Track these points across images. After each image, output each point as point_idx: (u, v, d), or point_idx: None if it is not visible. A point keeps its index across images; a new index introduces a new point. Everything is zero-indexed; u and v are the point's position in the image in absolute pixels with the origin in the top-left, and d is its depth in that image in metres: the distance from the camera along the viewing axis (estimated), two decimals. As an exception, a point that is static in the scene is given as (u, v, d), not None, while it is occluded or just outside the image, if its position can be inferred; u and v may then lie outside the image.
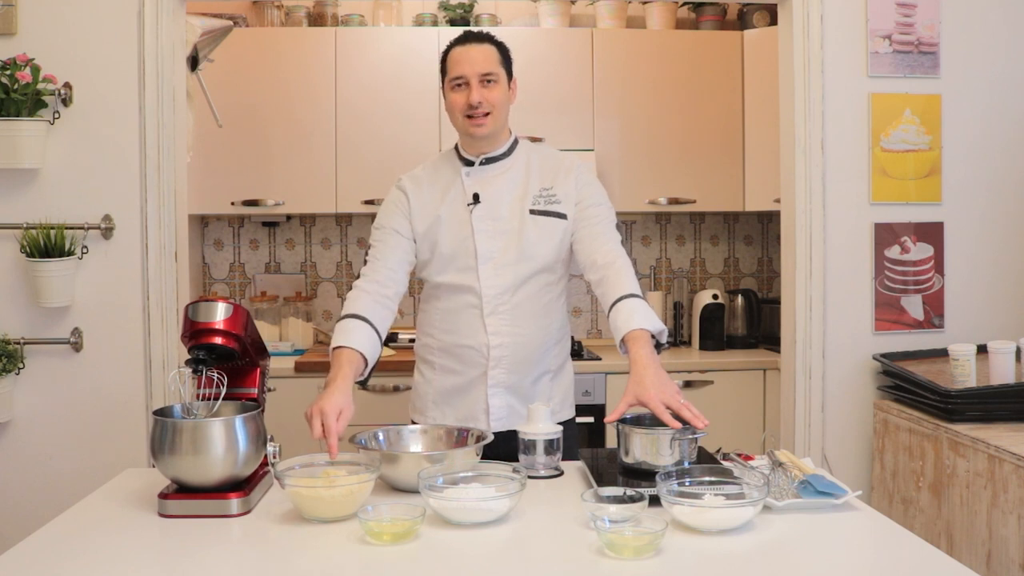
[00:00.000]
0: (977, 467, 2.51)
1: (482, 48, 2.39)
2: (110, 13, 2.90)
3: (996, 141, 3.18)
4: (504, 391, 2.42)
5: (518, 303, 2.40)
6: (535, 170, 2.46)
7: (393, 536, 1.67)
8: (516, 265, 2.39)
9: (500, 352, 2.40)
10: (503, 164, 2.45)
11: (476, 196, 2.41)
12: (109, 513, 1.88)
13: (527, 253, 2.40)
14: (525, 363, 2.42)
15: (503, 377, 2.41)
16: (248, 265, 4.36)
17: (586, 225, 2.40)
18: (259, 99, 3.97)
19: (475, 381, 2.43)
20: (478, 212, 2.41)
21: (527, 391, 2.44)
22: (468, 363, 2.43)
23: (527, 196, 2.42)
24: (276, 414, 2.48)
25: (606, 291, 2.23)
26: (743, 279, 4.55)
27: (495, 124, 2.40)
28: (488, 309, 2.39)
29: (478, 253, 2.39)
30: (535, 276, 2.42)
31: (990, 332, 3.08)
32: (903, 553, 1.67)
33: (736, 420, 3.84)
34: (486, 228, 2.40)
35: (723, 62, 4.13)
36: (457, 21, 4.17)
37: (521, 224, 2.40)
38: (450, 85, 2.40)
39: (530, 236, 2.40)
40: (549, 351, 2.48)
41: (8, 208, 2.89)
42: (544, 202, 2.42)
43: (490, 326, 2.39)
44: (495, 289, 2.39)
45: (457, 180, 2.45)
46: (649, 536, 1.59)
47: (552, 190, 2.43)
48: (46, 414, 2.93)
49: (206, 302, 1.98)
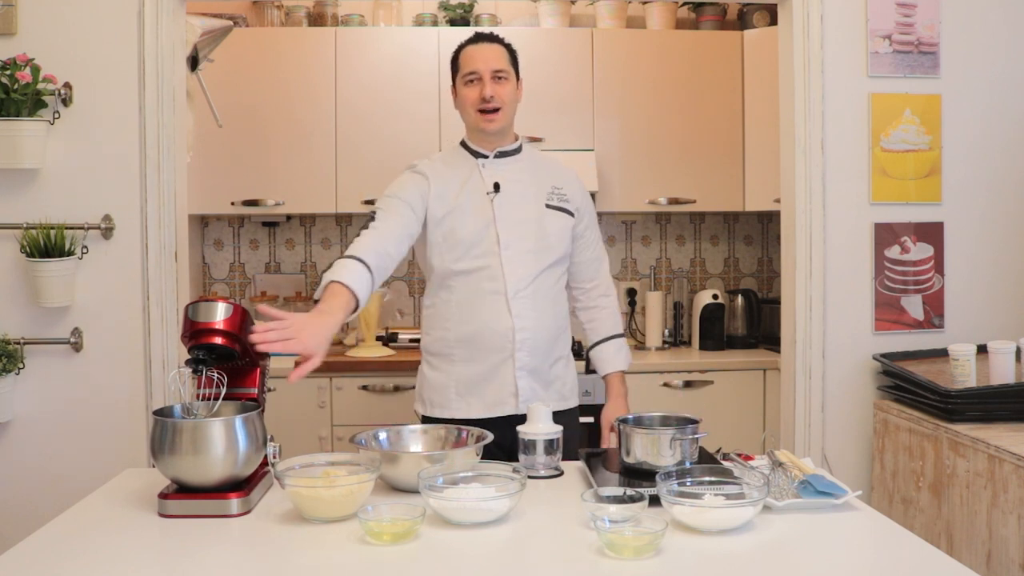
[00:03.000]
0: (977, 467, 2.51)
1: (493, 47, 2.52)
2: (110, 13, 2.90)
3: (996, 141, 3.17)
4: (528, 374, 2.51)
5: (536, 289, 2.51)
6: (543, 170, 2.61)
7: (393, 536, 1.67)
8: (535, 254, 2.51)
9: (524, 335, 2.48)
10: (516, 159, 2.58)
11: (496, 185, 2.51)
12: (109, 513, 1.88)
13: (545, 243, 2.52)
14: (544, 347, 2.53)
15: (527, 360, 2.50)
16: (248, 265, 4.36)
17: (586, 247, 2.66)
18: (259, 99, 3.97)
19: (500, 366, 2.49)
20: (499, 200, 2.50)
21: (546, 375, 2.55)
22: (492, 349, 2.49)
23: (542, 191, 2.56)
24: (276, 414, 2.48)
25: (596, 327, 2.71)
26: (743, 279, 4.55)
27: (505, 120, 2.52)
28: (512, 293, 2.47)
29: (500, 239, 2.48)
30: (550, 266, 2.54)
31: (990, 332, 3.08)
32: (903, 553, 1.67)
33: (736, 420, 3.84)
34: (507, 216, 2.50)
35: (723, 62, 4.13)
36: (457, 21, 4.17)
37: (539, 215, 2.53)
38: (463, 81, 2.51)
39: (548, 227, 2.53)
40: (560, 337, 2.60)
41: (8, 208, 2.89)
42: (557, 199, 2.58)
43: (515, 310, 2.47)
44: (517, 275, 2.48)
45: (474, 171, 2.55)
46: (649, 536, 1.59)
47: (563, 190, 2.59)
48: (46, 414, 2.93)
49: (206, 302, 1.97)
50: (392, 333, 4.06)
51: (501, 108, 2.48)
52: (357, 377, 3.78)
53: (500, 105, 2.48)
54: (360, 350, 3.93)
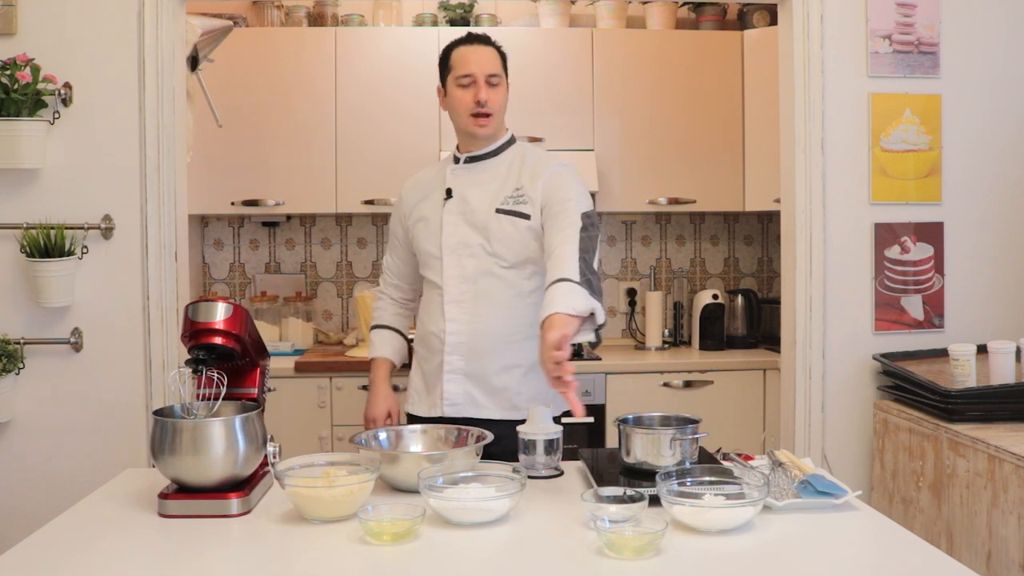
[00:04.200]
0: (977, 467, 2.51)
1: (488, 50, 2.49)
2: (110, 13, 2.90)
3: (996, 141, 3.17)
4: (462, 378, 2.46)
5: (478, 293, 2.45)
6: (517, 171, 2.48)
7: (393, 536, 1.67)
8: (478, 258, 2.46)
9: (456, 339, 2.46)
10: (486, 163, 2.52)
11: (449, 191, 2.50)
12: (109, 513, 1.88)
13: (489, 248, 2.45)
14: (486, 353, 2.45)
15: (460, 364, 2.46)
16: (248, 265, 4.36)
17: (549, 221, 2.34)
18: (259, 99, 3.97)
19: (437, 367, 2.50)
20: (450, 206, 2.49)
21: (490, 381, 2.45)
22: (432, 350, 2.52)
23: (499, 195, 2.46)
24: (276, 414, 2.48)
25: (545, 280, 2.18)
26: (743, 279, 4.55)
27: (495, 125, 2.49)
28: (448, 297, 2.47)
29: (443, 245, 2.48)
30: (499, 271, 2.45)
31: (990, 332, 3.08)
32: (903, 553, 1.67)
33: (736, 420, 3.84)
34: (453, 221, 2.48)
35: (723, 62, 4.13)
36: (457, 21, 4.17)
37: (487, 220, 2.45)
38: (456, 82, 2.46)
39: (494, 233, 2.44)
40: (515, 345, 2.44)
41: (8, 208, 2.89)
42: (512, 202, 2.44)
43: (448, 313, 2.46)
44: (455, 278, 2.47)
45: (443, 179, 2.54)
46: (649, 536, 1.59)
47: (522, 191, 2.44)
48: (46, 414, 2.93)
49: (206, 302, 1.98)
50: (392, 333, 4.06)
51: (492, 115, 2.45)
52: (357, 377, 3.78)
53: (492, 111, 2.45)
54: (360, 350, 3.92)
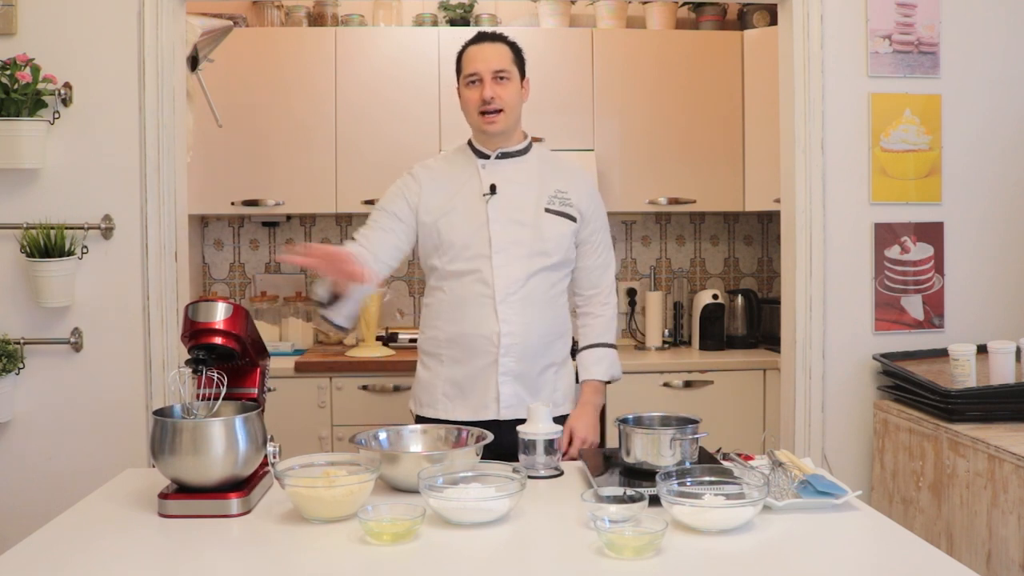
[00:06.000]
0: (977, 467, 2.51)
1: (496, 47, 2.49)
2: (110, 13, 2.90)
3: (996, 141, 3.17)
4: (513, 380, 2.48)
5: (528, 294, 2.47)
6: (549, 172, 2.56)
7: (393, 536, 1.67)
8: (529, 258, 2.47)
9: (510, 340, 2.45)
10: (519, 160, 2.55)
11: (493, 187, 2.49)
12: (109, 513, 1.88)
13: (540, 248, 2.48)
14: (533, 353, 2.49)
15: (513, 366, 2.47)
16: (248, 265, 4.36)
17: (591, 253, 2.60)
18: (259, 99, 3.97)
19: (485, 370, 2.47)
20: (494, 203, 2.48)
21: (534, 381, 2.50)
22: (478, 352, 2.47)
23: (543, 194, 2.52)
24: (276, 414, 2.48)
25: (586, 333, 2.62)
26: (743, 279, 4.55)
27: (508, 121, 2.49)
28: (500, 297, 2.45)
29: (492, 243, 2.46)
30: (545, 271, 2.50)
31: (990, 332, 3.08)
32: (903, 553, 1.67)
33: (736, 420, 3.84)
34: (501, 219, 2.48)
35: (723, 62, 4.13)
36: (457, 21, 4.17)
37: (536, 219, 2.49)
38: (464, 82, 2.50)
39: (545, 232, 2.49)
40: (553, 344, 2.55)
41: (8, 208, 2.89)
42: (559, 203, 2.53)
43: (502, 314, 2.45)
44: (507, 279, 2.45)
45: (473, 172, 2.53)
46: (649, 536, 1.59)
47: (567, 194, 2.54)
48: (46, 414, 2.93)
49: (206, 302, 1.98)
50: (392, 333, 4.06)
51: (503, 110, 2.45)
52: (357, 377, 3.78)
53: (502, 107, 2.45)
54: (360, 350, 3.92)
